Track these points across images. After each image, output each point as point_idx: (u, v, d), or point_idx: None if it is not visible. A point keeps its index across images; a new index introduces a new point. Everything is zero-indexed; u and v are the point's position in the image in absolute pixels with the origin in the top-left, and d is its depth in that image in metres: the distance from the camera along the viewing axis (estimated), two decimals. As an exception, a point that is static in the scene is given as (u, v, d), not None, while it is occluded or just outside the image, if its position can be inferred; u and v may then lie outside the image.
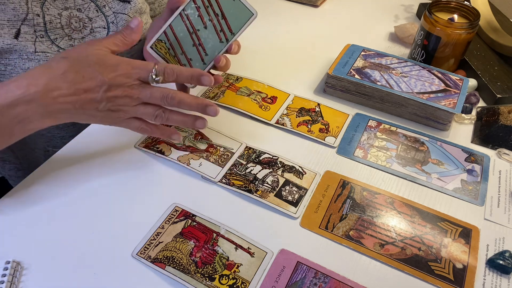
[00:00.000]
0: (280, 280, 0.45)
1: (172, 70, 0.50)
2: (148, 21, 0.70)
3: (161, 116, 0.51)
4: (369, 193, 0.54)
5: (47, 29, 0.57)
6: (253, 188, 0.53)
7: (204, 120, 0.53)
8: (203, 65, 0.56)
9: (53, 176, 0.54)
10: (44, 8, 0.57)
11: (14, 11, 0.54)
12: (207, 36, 0.55)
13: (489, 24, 0.80)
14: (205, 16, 0.54)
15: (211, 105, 0.52)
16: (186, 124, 0.53)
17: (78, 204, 0.51)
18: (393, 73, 0.67)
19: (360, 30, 0.87)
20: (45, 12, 0.57)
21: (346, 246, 0.48)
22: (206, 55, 0.56)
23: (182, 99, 0.50)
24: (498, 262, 0.47)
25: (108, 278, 0.44)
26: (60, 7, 0.59)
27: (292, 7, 0.94)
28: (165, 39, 0.54)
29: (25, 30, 0.55)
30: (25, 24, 0.55)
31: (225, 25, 0.55)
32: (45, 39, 0.57)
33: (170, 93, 0.50)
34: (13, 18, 0.54)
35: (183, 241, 0.47)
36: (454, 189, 0.55)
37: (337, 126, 0.63)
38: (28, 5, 0.55)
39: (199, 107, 0.51)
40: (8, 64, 0.56)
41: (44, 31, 0.57)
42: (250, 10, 0.55)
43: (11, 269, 0.43)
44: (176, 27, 0.54)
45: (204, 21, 0.54)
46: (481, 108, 0.67)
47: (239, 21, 0.55)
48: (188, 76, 0.51)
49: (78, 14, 0.61)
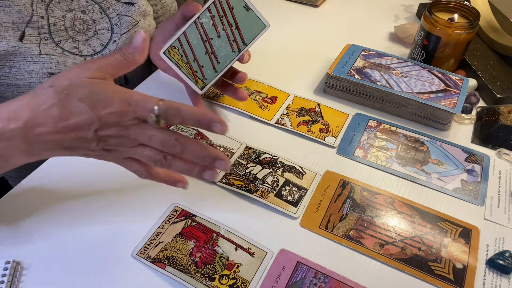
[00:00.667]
0: (280, 280, 0.45)
1: (177, 111, 0.40)
2: (151, 23, 0.70)
3: (161, 162, 0.43)
4: (369, 193, 0.54)
5: (51, 31, 0.57)
6: (253, 188, 0.53)
7: (214, 172, 0.45)
8: (214, 73, 0.57)
9: (53, 176, 0.54)
10: (48, 10, 0.57)
11: (19, 13, 0.54)
12: (220, 45, 0.55)
13: (489, 24, 0.80)
14: (219, 25, 0.54)
15: (223, 159, 0.43)
16: (191, 174, 0.45)
17: (78, 204, 0.51)
18: (393, 73, 0.67)
19: (360, 30, 0.87)
20: (49, 14, 0.57)
21: (346, 246, 0.48)
22: (218, 63, 0.56)
23: (186, 147, 0.42)
24: (498, 262, 0.47)
25: (108, 278, 0.44)
26: (64, 9, 0.59)
27: (292, 7, 0.94)
28: (179, 45, 0.54)
29: (29, 32, 0.55)
30: (29, 27, 0.55)
31: (238, 35, 0.55)
32: (49, 41, 0.57)
33: (172, 140, 0.41)
34: (18, 21, 0.54)
35: (183, 241, 0.47)
36: (454, 189, 0.55)
37: (337, 126, 0.63)
38: (33, 7, 0.55)
39: (208, 160, 0.43)
40: (13, 67, 0.56)
41: (48, 33, 0.57)
42: (263, 22, 0.56)
43: (11, 269, 0.43)
44: (190, 35, 0.54)
45: (218, 30, 0.55)
46: (481, 108, 0.67)
47: (252, 32, 0.56)
48: (196, 121, 0.41)
49: (82, 16, 0.61)
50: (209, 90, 0.68)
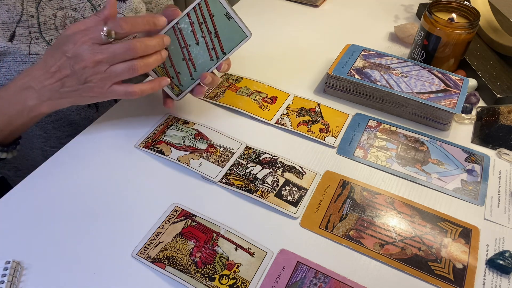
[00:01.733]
0: (280, 280, 0.45)
1: (125, 20, 0.48)
2: None
3: (136, 67, 0.49)
4: (369, 193, 0.54)
5: (42, 30, 0.57)
6: (253, 188, 0.53)
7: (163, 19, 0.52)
8: (191, 80, 0.56)
9: (53, 176, 0.54)
10: (39, 9, 0.57)
11: (8, 13, 0.54)
12: (198, 52, 0.55)
13: (489, 24, 0.80)
14: (198, 32, 0.54)
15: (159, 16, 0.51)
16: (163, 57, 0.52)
17: (78, 204, 0.51)
18: (393, 73, 0.67)
19: (360, 30, 0.87)
20: (39, 12, 0.57)
21: (346, 246, 0.48)
22: (195, 71, 0.56)
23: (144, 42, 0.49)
24: (498, 262, 0.47)
25: (108, 278, 0.44)
26: (55, 7, 0.59)
27: (292, 7, 0.94)
28: None
29: (20, 32, 0.55)
30: (20, 26, 0.55)
31: (218, 43, 0.54)
32: (40, 40, 0.57)
33: (131, 44, 0.48)
34: (7, 21, 0.54)
35: (183, 241, 0.47)
36: (454, 189, 0.55)
37: (337, 126, 0.63)
38: (23, 6, 0.55)
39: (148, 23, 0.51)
40: (2, 67, 0.56)
41: (39, 32, 0.57)
42: (245, 32, 0.54)
43: (11, 269, 0.43)
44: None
45: (196, 37, 0.54)
46: (481, 108, 0.67)
47: (232, 41, 0.55)
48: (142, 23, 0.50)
49: (74, 14, 0.60)
50: (209, 90, 0.68)
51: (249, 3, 0.94)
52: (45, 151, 0.71)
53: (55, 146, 0.70)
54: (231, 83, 0.70)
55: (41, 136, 0.68)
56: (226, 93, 0.68)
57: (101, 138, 0.59)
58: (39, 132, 0.68)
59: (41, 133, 0.68)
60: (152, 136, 0.59)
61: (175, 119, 0.62)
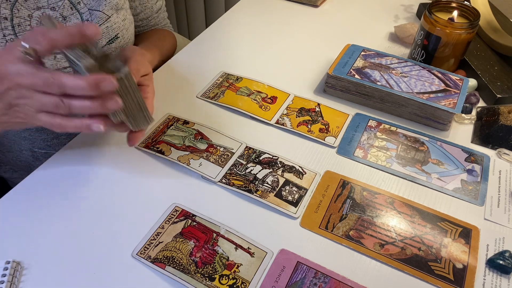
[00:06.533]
0: (280, 280, 0.45)
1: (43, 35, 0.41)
2: (126, 17, 0.68)
3: (60, 105, 0.42)
4: (369, 193, 0.54)
5: (16, 32, 0.56)
6: (253, 188, 0.53)
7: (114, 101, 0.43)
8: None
9: (52, 176, 0.54)
10: (14, 10, 0.55)
11: None
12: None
13: (489, 24, 0.80)
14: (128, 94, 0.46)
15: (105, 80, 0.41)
16: (96, 109, 0.43)
17: (78, 204, 0.51)
18: (393, 73, 0.67)
19: (360, 30, 0.87)
20: (14, 14, 0.56)
21: (346, 246, 0.48)
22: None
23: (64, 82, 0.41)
24: (498, 262, 0.47)
25: (108, 278, 0.44)
26: (32, 7, 0.57)
27: (292, 7, 0.94)
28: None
29: None
30: None
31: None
32: None
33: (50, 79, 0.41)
34: None
35: (183, 241, 0.47)
36: (454, 189, 0.55)
37: (337, 126, 0.63)
38: None
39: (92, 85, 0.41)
40: None
41: (14, 34, 0.56)
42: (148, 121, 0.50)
43: (11, 269, 0.43)
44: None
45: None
46: (481, 108, 0.67)
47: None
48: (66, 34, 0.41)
49: (52, 13, 0.59)
50: (209, 90, 0.68)
51: (249, 3, 0.94)
52: (34, 152, 0.70)
53: (42, 148, 0.69)
54: (231, 83, 0.70)
55: (27, 138, 0.68)
56: (226, 93, 0.68)
57: (101, 138, 0.59)
58: (25, 134, 0.67)
59: (27, 135, 0.67)
60: (152, 136, 0.59)
61: (175, 119, 0.62)
